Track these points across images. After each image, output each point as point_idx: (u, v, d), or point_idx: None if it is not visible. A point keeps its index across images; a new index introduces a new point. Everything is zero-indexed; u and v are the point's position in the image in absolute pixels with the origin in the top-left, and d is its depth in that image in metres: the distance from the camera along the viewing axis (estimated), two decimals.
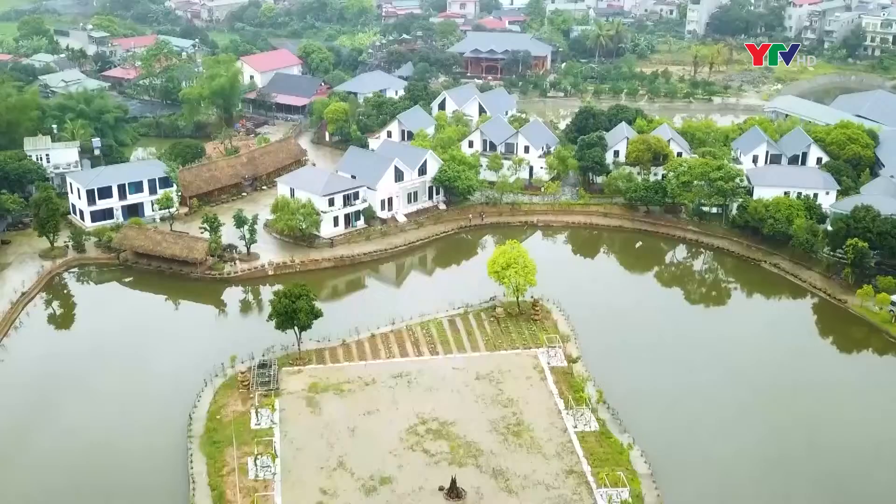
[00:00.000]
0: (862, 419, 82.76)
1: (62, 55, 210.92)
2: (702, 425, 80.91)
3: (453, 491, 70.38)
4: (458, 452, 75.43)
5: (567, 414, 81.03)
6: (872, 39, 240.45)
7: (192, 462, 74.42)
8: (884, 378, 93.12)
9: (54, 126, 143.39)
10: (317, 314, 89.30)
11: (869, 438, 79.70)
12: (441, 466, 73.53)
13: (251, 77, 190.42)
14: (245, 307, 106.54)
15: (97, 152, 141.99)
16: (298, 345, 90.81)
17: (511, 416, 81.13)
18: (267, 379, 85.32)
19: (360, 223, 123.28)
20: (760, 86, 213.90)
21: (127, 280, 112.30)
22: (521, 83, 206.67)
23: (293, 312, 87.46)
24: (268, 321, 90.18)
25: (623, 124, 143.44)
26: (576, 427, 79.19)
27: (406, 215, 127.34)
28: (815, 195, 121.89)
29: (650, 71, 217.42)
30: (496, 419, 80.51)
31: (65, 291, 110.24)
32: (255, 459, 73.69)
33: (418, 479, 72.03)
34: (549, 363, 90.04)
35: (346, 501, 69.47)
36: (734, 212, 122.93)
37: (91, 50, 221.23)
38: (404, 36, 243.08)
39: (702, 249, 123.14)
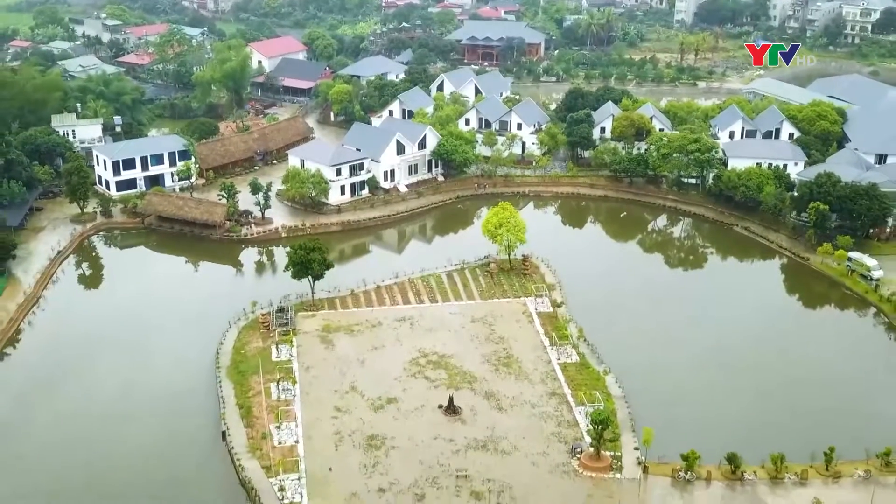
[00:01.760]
0: (818, 355, 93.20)
1: (78, 42, 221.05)
2: (671, 357, 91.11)
3: (451, 408, 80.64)
4: (455, 379, 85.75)
5: (551, 349, 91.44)
6: (852, 28, 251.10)
7: (220, 387, 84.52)
8: (839, 323, 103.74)
9: (78, 105, 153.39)
10: (328, 265, 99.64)
11: (821, 367, 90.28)
12: (440, 390, 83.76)
13: (259, 62, 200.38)
14: (261, 265, 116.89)
15: (118, 129, 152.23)
16: (312, 293, 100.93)
17: (502, 350, 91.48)
18: (285, 321, 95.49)
19: (365, 192, 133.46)
20: (743, 72, 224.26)
21: (152, 242, 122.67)
22: (515, 69, 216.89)
23: (308, 263, 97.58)
24: (285, 271, 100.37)
25: (609, 103, 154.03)
26: (558, 359, 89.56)
27: (407, 185, 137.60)
28: (785, 166, 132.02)
29: (639, 58, 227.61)
30: (488, 353, 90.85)
31: (95, 252, 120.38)
32: (278, 383, 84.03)
33: (420, 399, 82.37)
34: (536, 309, 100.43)
35: (358, 416, 79.74)
36: (710, 181, 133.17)
37: (105, 37, 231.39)
38: (404, 25, 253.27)
39: (680, 216, 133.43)
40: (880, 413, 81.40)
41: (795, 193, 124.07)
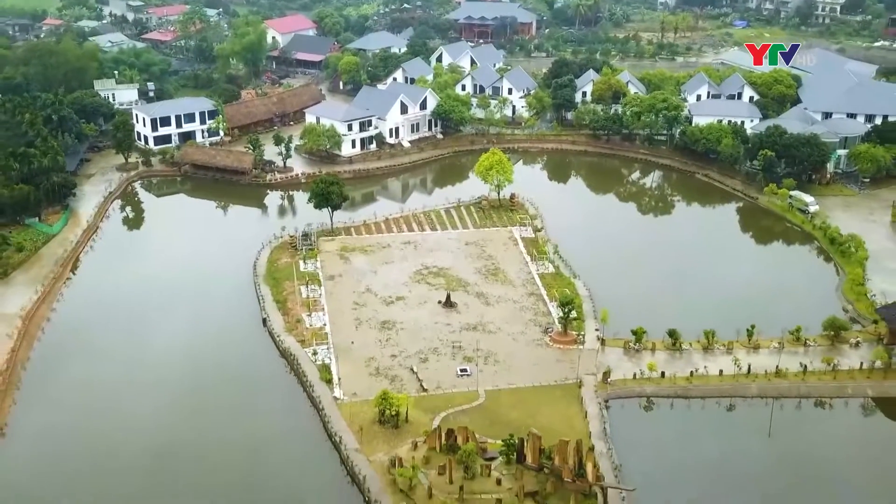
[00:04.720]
0: (756, 265, 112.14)
1: (104, 21, 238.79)
2: (631, 268, 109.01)
3: (448, 303, 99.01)
4: (452, 284, 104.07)
5: (531, 263, 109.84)
6: (822, 9, 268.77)
7: (259, 289, 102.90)
8: (779, 245, 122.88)
9: (115, 73, 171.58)
10: (345, 197, 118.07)
11: (758, 273, 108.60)
12: (439, 291, 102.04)
13: (273, 37, 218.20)
14: (284, 205, 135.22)
15: (151, 94, 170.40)
16: (331, 221, 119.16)
17: (491, 265, 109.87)
18: (309, 243, 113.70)
19: (373, 146, 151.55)
20: (720, 48, 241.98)
21: (188, 186, 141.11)
22: (508, 46, 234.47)
23: (328, 194, 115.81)
24: (308, 203, 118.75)
25: (590, 70, 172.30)
26: (537, 270, 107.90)
27: (410, 141, 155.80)
28: (742, 122, 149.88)
29: (623, 36, 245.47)
30: (480, 267, 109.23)
31: (139, 195, 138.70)
32: (307, 285, 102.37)
33: (423, 297, 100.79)
34: (521, 235, 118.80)
35: (373, 308, 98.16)
36: (677, 137, 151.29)
37: (130, 17, 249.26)
38: (405, 6, 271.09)
39: (650, 167, 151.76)
40: (798, 304, 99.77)
41: (750, 145, 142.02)
